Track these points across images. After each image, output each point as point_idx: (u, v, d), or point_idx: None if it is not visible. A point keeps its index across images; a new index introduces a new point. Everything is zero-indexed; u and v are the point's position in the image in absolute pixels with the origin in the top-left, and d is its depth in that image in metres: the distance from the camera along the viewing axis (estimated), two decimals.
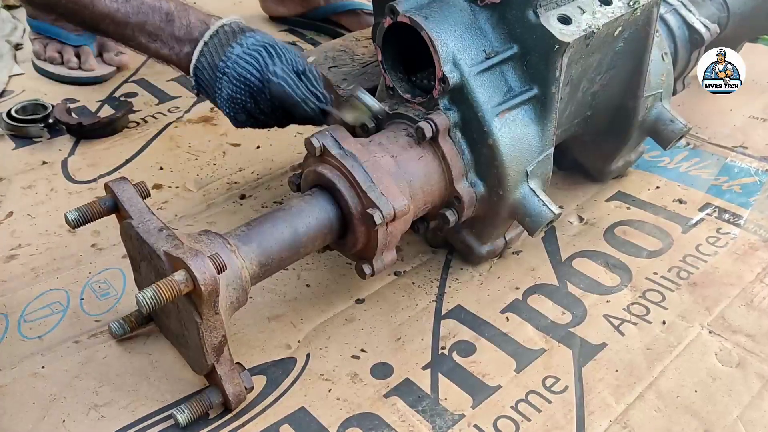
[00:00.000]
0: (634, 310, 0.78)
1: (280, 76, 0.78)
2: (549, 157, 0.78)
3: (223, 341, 0.64)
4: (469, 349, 0.75)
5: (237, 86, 0.77)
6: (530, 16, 0.71)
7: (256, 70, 0.77)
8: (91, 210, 0.66)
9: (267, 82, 0.78)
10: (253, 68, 0.77)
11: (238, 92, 0.78)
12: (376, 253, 0.73)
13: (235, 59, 0.77)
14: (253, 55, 0.77)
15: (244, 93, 0.78)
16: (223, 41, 0.78)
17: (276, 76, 0.78)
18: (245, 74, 0.77)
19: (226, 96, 0.78)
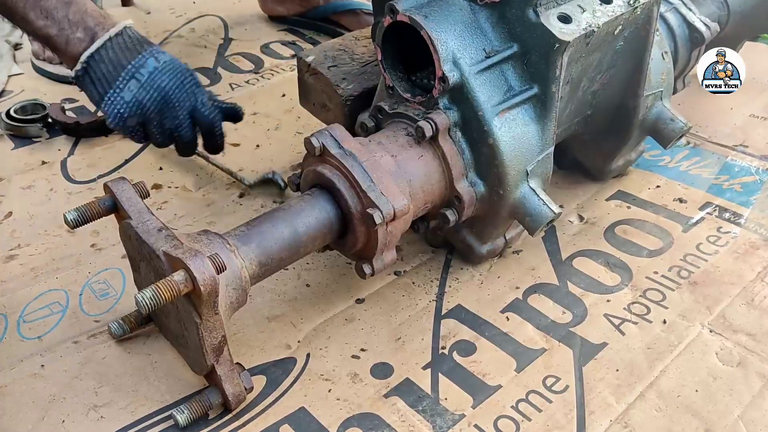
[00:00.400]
0: (635, 310, 0.78)
1: (207, 107, 0.84)
2: (549, 156, 0.78)
3: (222, 341, 0.64)
4: (470, 348, 0.75)
5: (150, 95, 0.79)
6: (530, 15, 0.71)
7: (180, 89, 0.81)
8: (91, 210, 0.66)
9: (191, 107, 0.82)
10: (176, 86, 0.80)
11: (149, 100, 0.79)
12: (376, 253, 0.73)
13: (155, 70, 0.79)
14: (179, 71, 0.81)
15: (156, 104, 0.80)
16: (128, 44, 0.79)
17: (204, 106, 0.83)
18: (167, 87, 0.80)
19: (128, 99, 0.78)
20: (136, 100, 0.79)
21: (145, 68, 0.79)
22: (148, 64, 0.79)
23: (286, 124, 1.12)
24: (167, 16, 1.44)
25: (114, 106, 0.79)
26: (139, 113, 0.80)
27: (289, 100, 1.17)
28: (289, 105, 1.16)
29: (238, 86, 1.23)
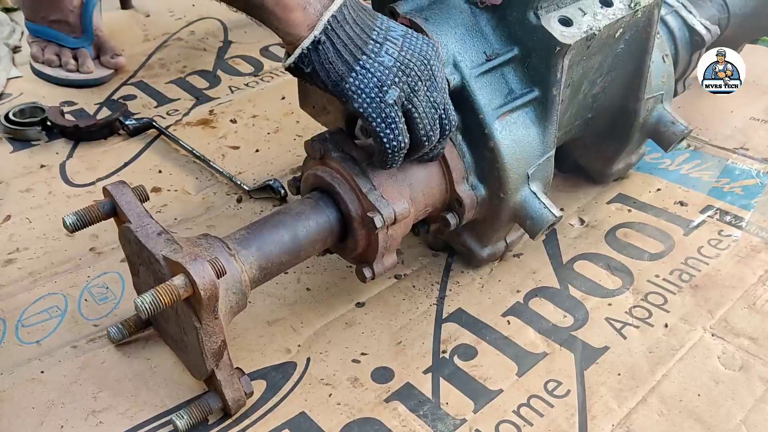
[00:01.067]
0: (636, 313, 0.78)
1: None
2: (550, 159, 0.78)
3: (222, 346, 0.64)
4: (471, 352, 0.74)
5: (414, 59, 0.62)
6: (531, 18, 0.71)
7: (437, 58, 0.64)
8: (90, 214, 0.66)
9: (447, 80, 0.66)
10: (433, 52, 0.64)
11: (414, 65, 0.62)
12: (376, 257, 0.72)
13: (405, 33, 0.63)
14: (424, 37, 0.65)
15: (422, 71, 0.63)
16: (361, 5, 0.64)
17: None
18: (428, 53, 0.63)
19: (389, 64, 0.61)
20: (400, 64, 0.62)
21: (394, 30, 0.63)
22: (393, 26, 0.64)
23: (286, 127, 1.11)
24: (166, 19, 1.44)
25: (371, 77, 0.61)
26: (405, 82, 0.62)
27: (288, 103, 1.17)
28: (288, 108, 1.15)
29: (238, 89, 1.22)
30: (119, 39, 1.32)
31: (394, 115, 0.62)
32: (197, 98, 1.20)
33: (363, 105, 0.62)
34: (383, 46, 0.62)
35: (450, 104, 0.67)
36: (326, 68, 0.61)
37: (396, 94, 0.62)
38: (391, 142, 0.64)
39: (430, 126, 0.65)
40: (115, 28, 1.36)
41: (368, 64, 0.61)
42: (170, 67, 1.29)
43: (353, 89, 0.61)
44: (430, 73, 0.63)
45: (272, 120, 1.13)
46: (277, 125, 1.12)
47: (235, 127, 1.12)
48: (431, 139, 0.66)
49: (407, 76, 0.62)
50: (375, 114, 0.62)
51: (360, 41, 0.61)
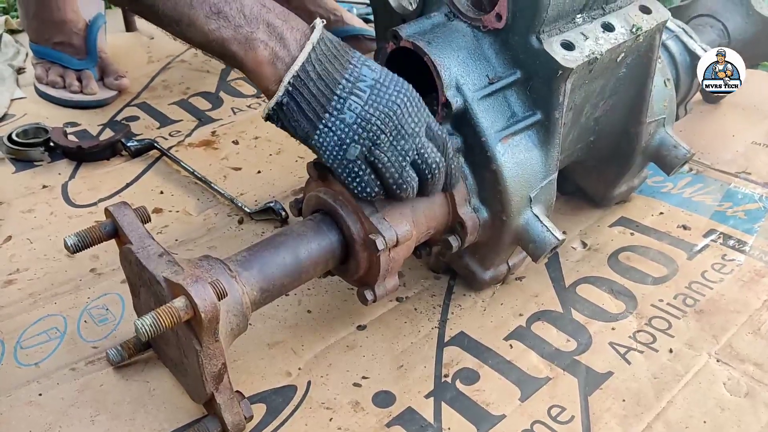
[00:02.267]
0: (641, 338, 0.77)
1: (438, 126, 0.67)
2: (553, 182, 0.78)
3: (222, 369, 0.63)
4: (473, 377, 0.73)
5: (378, 112, 0.62)
6: (533, 42, 0.71)
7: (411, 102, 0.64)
8: (91, 235, 0.65)
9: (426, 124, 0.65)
10: (406, 98, 0.63)
11: (377, 119, 0.61)
12: (378, 279, 0.72)
13: (375, 82, 0.62)
14: (399, 81, 0.64)
15: (386, 122, 0.62)
16: (333, 50, 0.63)
17: (436, 124, 0.66)
18: (396, 101, 0.63)
19: (351, 121, 0.61)
20: (361, 120, 0.61)
21: (363, 81, 0.62)
22: (365, 74, 0.62)
23: (288, 148, 1.12)
24: (170, 41, 1.45)
25: (332, 135, 0.62)
26: (366, 138, 0.62)
27: None
28: None
29: (240, 110, 1.23)
30: (123, 61, 1.33)
31: (357, 169, 0.64)
32: (200, 119, 1.20)
33: (329, 160, 0.64)
34: (347, 102, 0.62)
35: (426, 147, 0.66)
36: (293, 125, 0.64)
37: (357, 151, 0.63)
38: (360, 192, 0.65)
39: (399, 175, 0.64)
40: (120, 51, 1.37)
41: (330, 123, 0.62)
42: (173, 89, 1.29)
43: (318, 146, 0.63)
44: (395, 124, 0.63)
45: (274, 141, 1.13)
46: (279, 147, 1.12)
47: (237, 148, 1.12)
48: (403, 187, 0.65)
49: (368, 131, 0.62)
50: (340, 169, 0.64)
51: (324, 98, 0.62)
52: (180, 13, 0.60)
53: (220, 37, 0.61)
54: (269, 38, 0.62)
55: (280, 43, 0.62)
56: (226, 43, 0.61)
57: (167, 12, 0.61)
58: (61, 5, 1.24)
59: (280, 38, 0.62)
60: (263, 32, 0.62)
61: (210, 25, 0.60)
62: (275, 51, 0.62)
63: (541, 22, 0.70)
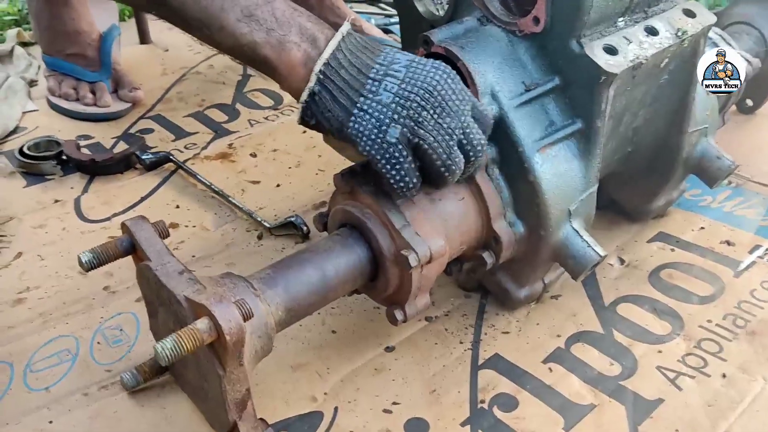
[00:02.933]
0: (690, 362, 0.72)
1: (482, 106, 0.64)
2: (593, 195, 0.74)
3: (246, 395, 0.59)
4: (511, 403, 0.69)
5: (416, 88, 0.59)
6: (573, 47, 0.67)
7: (452, 80, 0.61)
8: (107, 251, 0.61)
9: (471, 103, 0.62)
10: (445, 76, 0.60)
11: (416, 95, 0.58)
12: (408, 298, 0.68)
13: (410, 63, 0.60)
14: (436, 63, 0.61)
15: (426, 98, 0.59)
16: (362, 42, 0.61)
17: (480, 105, 0.63)
18: (435, 78, 0.60)
19: (388, 101, 0.58)
20: (399, 98, 0.58)
21: (397, 62, 0.60)
22: (398, 58, 0.61)
23: (308, 161, 1.08)
24: (185, 53, 1.42)
25: (369, 118, 0.58)
26: (407, 116, 0.58)
27: (309, 137, 1.13)
28: (310, 142, 1.12)
29: (257, 122, 1.19)
30: (138, 73, 1.30)
31: (398, 154, 0.59)
32: (216, 132, 1.17)
33: (366, 148, 0.60)
34: (382, 83, 0.59)
35: (472, 127, 0.62)
36: (327, 117, 0.60)
37: (398, 132, 0.59)
38: (398, 183, 0.61)
39: (447, 155, 0.60)
40: (134, 63, 1.34)
41: (366, 105, 0.59)
42: (188, 101, 1.26)
43: (354, 133, 0.59)
44: (438, 100, 0.60)
45: (293, 154, 1.10)
46: (299, 159, 1.08)
47: (255, 161, 1.09)
48: (452, 169, 0.61)
49: (408, 109, 0.59)
50: (379, 155, 0.60)
51: (357, 83, 0.59)
52: (209, 16, 0.58)
53: (252, 41, 0.59)
54: (301, 40, 0.60)
55: (313, 44, 0.60)
56: (258, 46, 0.60)
57: (196, 15, 0.59)
58: (74, 16, 1.21)
59: (313, 39, 0.60)
60: (296, 34, 0.60)
61: (241, 29, 0.59)
62: (308, 52, 0.60)
63: (583, 25, 0.66)
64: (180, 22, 0.61)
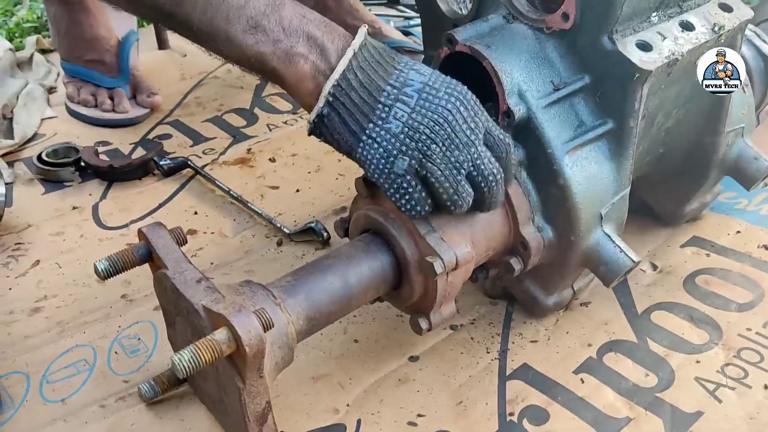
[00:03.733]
0: (730, 372, 0.69)
1: (499, 130, 0.61)
2: (625, 198, 0.71)
3: (267, 408, 0.57)
4: (542, 416, 0.66)
5: (427, 119, 0.56)
6: (605, 43, 0.65)
7: (466, 106, 0.58)
8: (123, 259, 0.60)
9: (485, 129, 0.59)
10: (459, 102, 0.58)
11: (425, 127, 0.56)
12: (434, 306, 0.65)
13: (424, 86, 0.57)
14: (452, 83, 0.59)
15: (436, 130, 0.56)
16: (377, 56, 0.58)
17: (497, 129, 0.61)
18: (447, 106, 0.57)
19: (397, 131, 0.56)
20: (408, 129, 0.56)
21: (410, 86, 0.57)
22: (412, 79, 0.58)
23: (327, 166, 1.06)
24: (203, 58, 1.40)
25: (378, 147, 0.57)
26: (415, 149, 0.56)
27: None
28: (329, 146, 1.09)
29: (276, 127, 1.18)
30: (156, 78, 1.29)
31: (406, 185, 0.58)
32: (234, 137, 1.15)
33: (374, 175, 0.58)
34: (392, 110, 0.57)
35: (483, 158, 0.59)
36: (336, 138, 0.59)
37: (405, 164, 0.57)
38: (409, 211, 0.59)
39: (453, 189, 0.58)
40: (152, 68, 1.33)
41: (374, 133, 0.57)
42: (206, 106, 1.25)
43: (362, 159, 0.58)
44: (448, 132, 0.57)
45: (313, 159, 1.08)
46: (318, 164, 1.06)
47: (273, 166, 1.07)
48: (458, 203, 0.59)
49: (417, 141, 0.57)
50: (387, 184, 0.58)
51: (367, 108, 0.57)
52: (216, 28, 0.56)
53: (258, 53, 0.57)
54: (309, 51, 0.58)
55: (321, 55, 0.58)
56: (265, 58, 0.58)
57: (203, 28, 0.57)
58: (93, 22, 1.21)
59: (322, 50, 0.58)
60: (303, 45, 0.58)
61: (247, 41, 0.57)
62: (316, 64, 0.58)
63: (615, 20, 0.64)
64: (188, 34, 0.59)
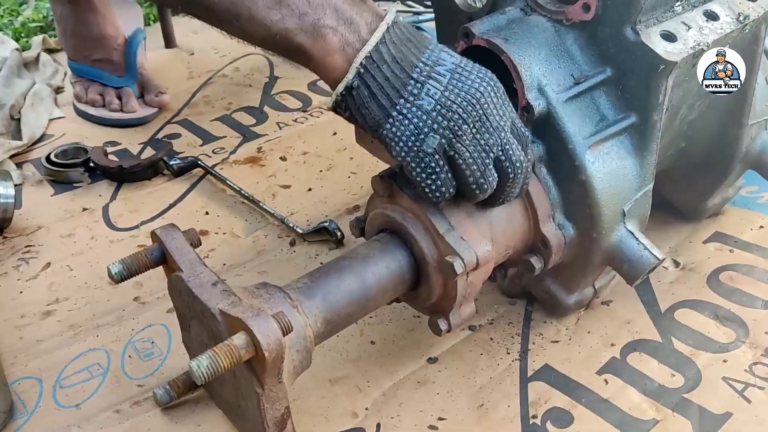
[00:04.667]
0: (758, 372, 0.67)
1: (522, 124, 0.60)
2: (648, 194, 0.69)
3: (286, 413, 0.55)
4: (566, 418, 0.64)
5: (460, 99, 0.55)
6: (628, 34, 0.63)
7: (496, 92, 0.57)
8: (137, 262, 0.58)
9: (512, 119, 0.59)
10: (490, 87, 0.56)
11: (459, 107, 0.55)
12: (453, 307, 0.64)
13: (456, 67, 0.56)
14: (482, 69, 0.57)
15: (469, 111, 0.55)
16: (407, 35, 0.56)
17: (520, 122, 0.60)
18: (480, 89, 0.55)
19: (430, 108, 0.54)
20: (441, 107, 0.55)
21: (442, 65, 0.56)
22: (443, 59, 0.56)
23: (339, 164, 1.04)
24: (211, 56, 1.40)
25: (408, 123, 0.55)
26: (447, 128, 0.55)
27: (340, 139, 1.10)
28: (341, 144, 1.08)
29: (286, 125, 1.16)
30: (163, 77, 1.28)
31: (434, 164, 0.56)
32: (244, 135, 1.14)
33: (401, 153, 0.56)
34: (424, 86, 0.55)
35: (511, 143, 0.58)
36: (362, 113, 0.56)
37: (436, 142, 0.55)
38: (433, 193, 0.57)
39: (480, 173, 0.57)
40: (160, 67, 1.32)
41: (405, 109, 0.55)
42: (215, 105, 1.24)
43: (390, 136, 0.56)
44: (480, 114, 0.56)
45: (324, 157, 1.06)
46: (330, 162, 1.05)
47: (285, 165, 1.05)
48: (483, 187, 0.58)
49: (449, 120, 0.55)
50: (414, 163, 0.56)
51: (398, 83, 0.55)
52: (239, 7, 0.54)
53: (283, 29, 0.55)
54: (338, 23, 0.55)
55: (350, 27, 0.55)
56: (291, 34, 0.55)
57: (225, 8, 0.55)
58: (100, 21, 1.19)
59: (350, 23, 0.56)
60: (331, 17, 0.55)
61: (272, 17, 0.54)
62: (345, 37, 0.55)
63: (638, 10, 0.62)
64: (210, 18, 0.57)
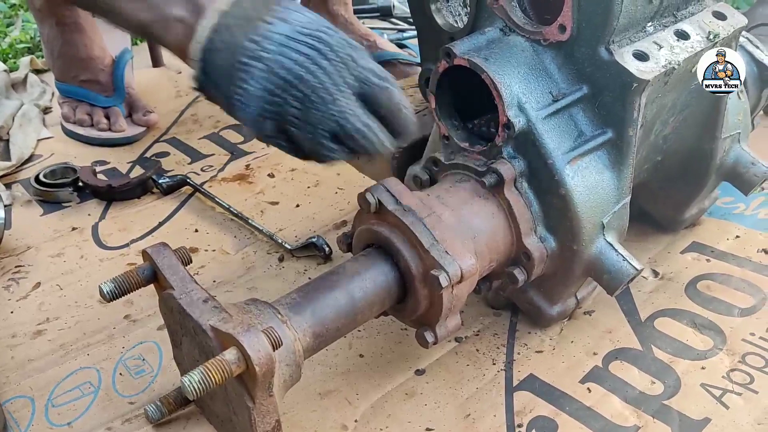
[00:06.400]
0: (736, 378, 0.69)
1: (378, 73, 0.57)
2: (626, 206, 0.71)
3: (276, 427, 0.56)
4: (550, 426, 0.66)
5: (277, 77, 0.53)
6: (602, 54, 0.65)
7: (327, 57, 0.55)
8: (128, 281, 0.60)
9: (357, 79, 0.56)
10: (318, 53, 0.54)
11: (278, 87, 0.54)
12: (439, 319, 0.65)
13: (285, 38, 0.54)
14: (321, 29, 0.55)
15: (288, 91, 0.54)
16: (249, 12, 0.55)
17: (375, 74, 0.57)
18: (299, 60, 0.53)
19: (258, 91, 0.54)
20: (265, 91, 0.54)
21: (270, 39, 0.54)
22: (274, 31, 0.54)
23: (326, 180, 1.06)
24: None
25: (246, 108, 0.55)
26: (274, 112, 0.54)
27: None
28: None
29: None
30: (151, 96, 1.29)
31: (278, 144, 0.58)
32: (232, 153, 1.15)
33: (253, 133, 0.58)
34: (250, 70, 0.55)
35: (349, 114, 0.56)
36: (218, 103, 0.58)
37: (272, 126, 0.56)
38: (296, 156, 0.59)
39: (317, 150, 0.57)
40: (147, 86, 1.33)
41: (239, 96, 0.55)
42: (203, 123, 1.25)
43: (241, 119, 0.57)
44: (304, 93, 0.55)
45: (311, 173, 1.08)
46: (317, 179, 1.07)
47: (273, 181, 1.07)
48: (324, 159, 0.58)
49: (274, 104, 0.55)
50: (264, 141, 0.59)
51: (232, 69, 0.55)
52: (111, 3, 0.56)
53: (140, 22, 0.57)
54: (186, 12, 0.56)
55: (198, 15, 0.55)
56: (147, 27, 0.57)
57: (100, 4, 0.57)
58: (87, 42, 1.21)
59: (199, 11, 0.55)
60: (180, 7, 0.56)
61: (128, 8, 0.56)
62: (194, 26, 0.55)
63: (611, 31, 0.64)
64: (97, 12, 0.59)
